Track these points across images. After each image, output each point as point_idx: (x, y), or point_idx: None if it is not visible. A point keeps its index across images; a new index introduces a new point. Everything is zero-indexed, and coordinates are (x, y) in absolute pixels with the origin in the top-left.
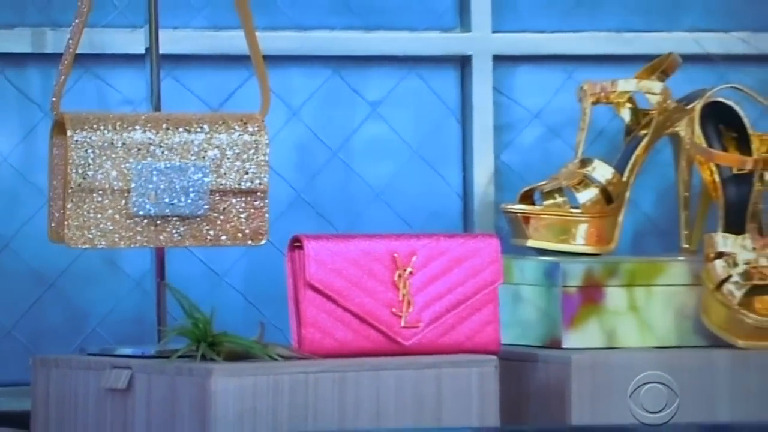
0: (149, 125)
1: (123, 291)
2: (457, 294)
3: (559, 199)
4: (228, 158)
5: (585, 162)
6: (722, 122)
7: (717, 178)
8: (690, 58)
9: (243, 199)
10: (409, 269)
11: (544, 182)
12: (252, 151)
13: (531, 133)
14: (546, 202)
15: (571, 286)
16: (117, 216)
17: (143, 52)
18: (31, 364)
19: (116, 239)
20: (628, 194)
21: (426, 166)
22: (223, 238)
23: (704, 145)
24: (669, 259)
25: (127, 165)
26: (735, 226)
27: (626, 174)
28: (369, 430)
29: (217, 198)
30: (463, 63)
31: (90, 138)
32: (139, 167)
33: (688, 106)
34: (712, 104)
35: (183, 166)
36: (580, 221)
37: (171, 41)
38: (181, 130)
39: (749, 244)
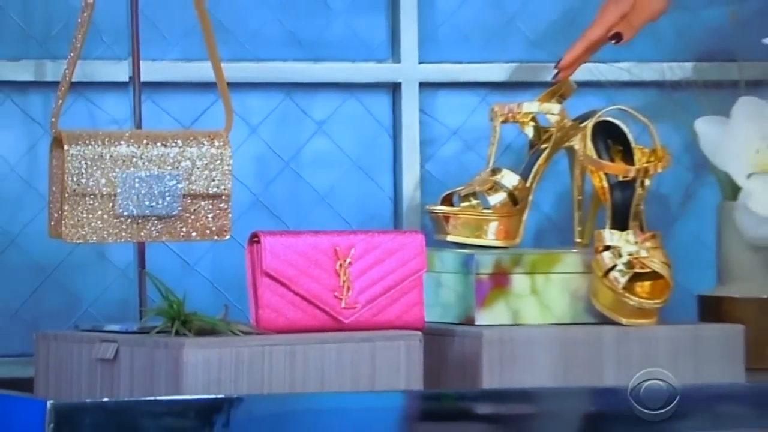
0: (132, 141)
1: (110, 278)
2: (389, 280)
3: (474, 202)
4: (198, 168)
5: (495, 171)
6: (610, 137)
7: (605, 184)
8: (583, 84)
9: (210, 202)
10: (348, 260)
11: (461, 188)
12: (218, 162)
13: (450, 147)
14: (463, 204)
15: (483, 274)
16: (105, 216)
17: (127, 80)
18: (34, 339)
19: (105, 235)
20: (531, 197)
21: (363, 175)
22: (194, 234)
23: (595, 156)
24: (565, 251)
25: (114, 174)
26: (620, 224)
27: (530, 181)
28: (314, 394)
29: (189, 201)
30: (394, 89)
31: (83, 151)
32: (124, 176)
33: (582, 124)
34: (602, 123)
35: (160, 175)
36: (490, 220)
37: (150, 71)
38: (158, 144)
39: (632, 238)
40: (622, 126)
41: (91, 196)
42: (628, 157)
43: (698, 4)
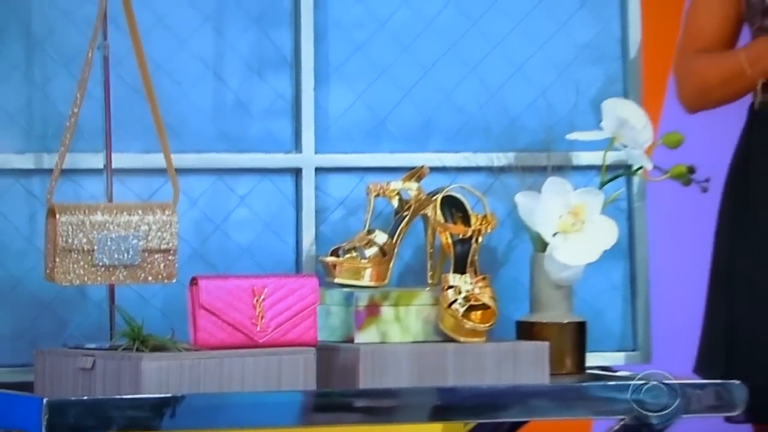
0: (106, 211)
1: (89, 309)
2: (291, 311)
3: (354, 254)
4: (153, 230)
5: (370, 231)
6: (453, 207)
7: (450, 240)
8: (433, 169)
9: (162, 255)
10: (262, 296)
11: (345, 244)
12: (167, 226)
13: (337, 214)
14: (346, 256)
15: (360, 306)
16: (86, 265)
17: (102, 167)
18: (34, 354)
19: (85, 279)
20: (396, 250)
21: (274, 234)
22: (150, 278)
23: (442, 221)
24: (420, 290)
25: (92, 235)
26: (460, 269)
27: (395, 238)
28: (237, 393)
29: (146, 254)
30: (297, 172)
31: (69, 219)
32: (99, 236)
33: (433, 198)
34: (447, 196)
35: (126, 236)
36: (366, 267)
37: (119, 160)
38: (124, 213)
39: (468, 280)
40: (462, 199)
41: (76, 252)
42: (466, 221)
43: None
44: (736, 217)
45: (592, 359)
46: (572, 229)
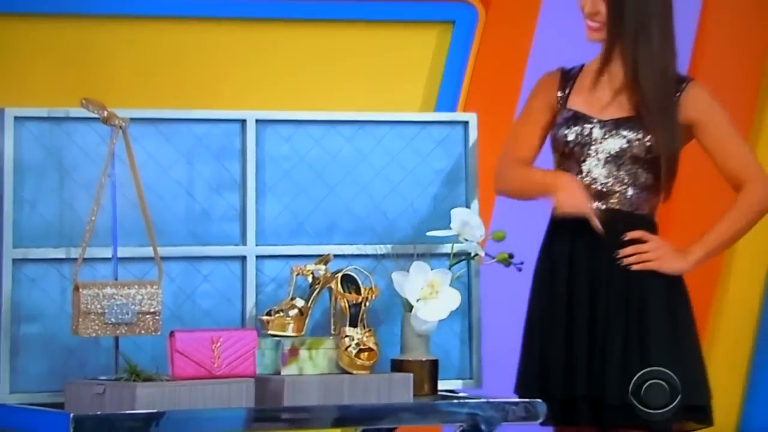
0: (113, 286)
1: (101, 353)
2: (238, 353)
3: (281, 314)
4: (145, 299)
5: (293, 298)
6: (349, 282)
7: (347, 305)
8: (337, 256)
9: (150, 316)
10: (218, 344)
11: (275, 306)
12: (155, 296)
13: (270, 287)
14: (276, 315)
15: (285, 350)
16: (99, 324)
17: (111, 256)
18: (65, 384)
19: (99, 333)
20: (310, 311)
21: (227, 301)
22: (142, 332)
23: (342, 291)
24: (326, 338)
25: (104, 303)
26: (353, 324)
27: (309, 303)
28: (201, 409)
29: (140, 315)
30: (243, 259)
31: (89, 292)
32: (108, 304)
33: (335, 275)
34: (345, 275)
35: (126, 303)
36: (289, 323)
37: (121, 251)
38: (126, 288)
39: (360, 331)
40: (356, 276)
41: (92, 314)
42: (358, 291)
43: (394, 212)
44: (542, 284)
45: (442, 385)
46: (430, 297)
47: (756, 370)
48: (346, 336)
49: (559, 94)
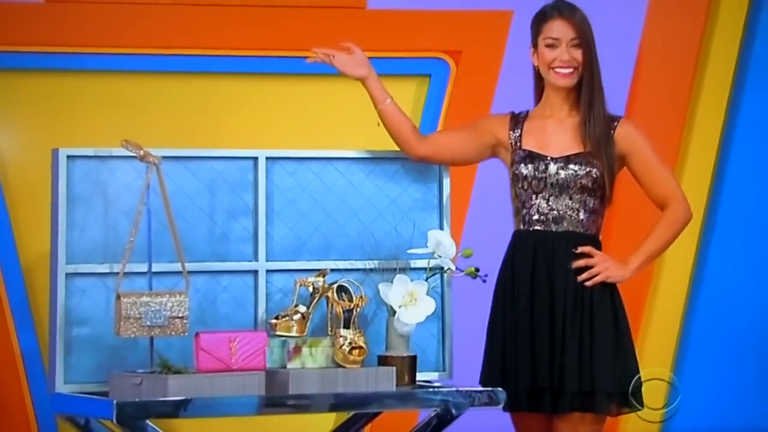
0: (148, 296)
1: (139, 351)
2: (251, 351)
3: (287, 318)
4: (175, 306)
5: (296, 305)
6: (343, 291)
7: (341, 310)
8: (333, 270)
9: (179, 320)
10: (236, 343)
11: (281, 312)
12: (183, 303)
13: (278, 296)
14: (282, 319)
15: (290, 347)
16: (137, 326)
17: (146, 271)
18: (110, 376)
19: (137, 334)
20: (311, 316)
21: (242, 308)
22: (173, 334)
23: (337, 299)
24: (324, 338)
25: (141, 309)
26: (347, 326)
27: (310, 309)
28: (221, 396)
29: (171, 320)
30: (255, 273)
31: (128, 300)
32: (145, 310)
33: (333, 286)
34: (340, 285)
35: (160, 309)
36: (294, 326)
37: (155, 267)
38: (159, 296)
39: (352, 332)
40: (348, 286)
41: (132, 319)
42: (350, 299)
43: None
44: (504, 292)
45: (420, 376)
46: (410, 304)
47: (679, 362)
48: (341, 336)
49: (512, 133)
